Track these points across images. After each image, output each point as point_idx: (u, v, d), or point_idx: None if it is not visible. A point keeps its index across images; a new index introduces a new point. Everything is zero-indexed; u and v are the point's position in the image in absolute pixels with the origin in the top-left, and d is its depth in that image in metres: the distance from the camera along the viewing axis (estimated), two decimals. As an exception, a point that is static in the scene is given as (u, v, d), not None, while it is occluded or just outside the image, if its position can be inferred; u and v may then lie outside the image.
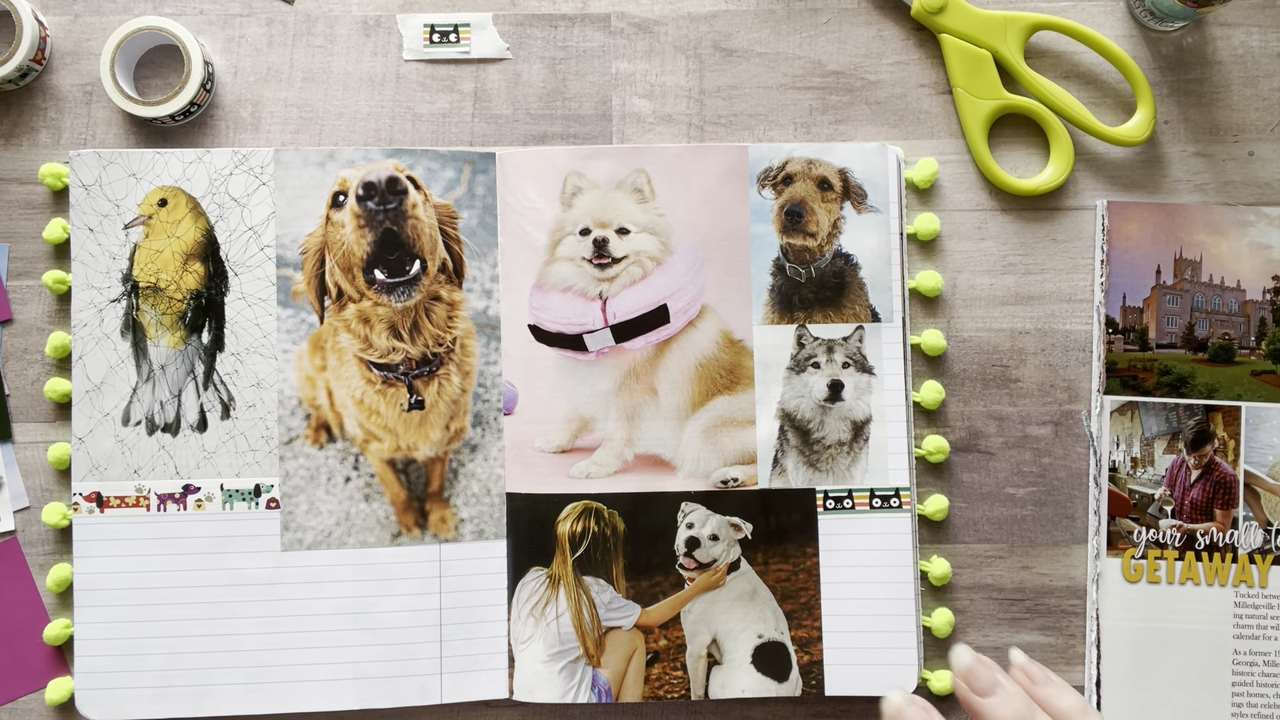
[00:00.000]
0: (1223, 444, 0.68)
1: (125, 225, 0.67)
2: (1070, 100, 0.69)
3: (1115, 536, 0.67)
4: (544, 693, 0.66)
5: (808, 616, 0.67)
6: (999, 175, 0.69)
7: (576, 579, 0.67)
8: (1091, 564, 0.67)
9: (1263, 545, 0.67)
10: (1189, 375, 0.68)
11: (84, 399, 0.66)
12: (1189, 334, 0.69)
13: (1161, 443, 0.68)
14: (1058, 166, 0.69)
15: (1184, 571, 0.67)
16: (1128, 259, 0.68)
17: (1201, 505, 0.68)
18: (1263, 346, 0.69)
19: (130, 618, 0.65)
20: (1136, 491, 0.68)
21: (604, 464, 0.68)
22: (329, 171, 0.67)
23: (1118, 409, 0.68)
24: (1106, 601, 0.67)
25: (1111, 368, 0.68)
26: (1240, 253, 0.69)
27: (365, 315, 0.67)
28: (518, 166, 0.68)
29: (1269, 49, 0.71)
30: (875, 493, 0.67)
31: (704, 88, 0.71)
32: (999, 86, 0.69)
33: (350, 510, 0.67)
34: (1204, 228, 0.69)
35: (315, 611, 0.66)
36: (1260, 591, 0.67)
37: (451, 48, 0.70)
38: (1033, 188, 0.69)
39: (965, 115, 0.69)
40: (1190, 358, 0.68)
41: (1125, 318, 0.68)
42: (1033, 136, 0.70)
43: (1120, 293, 0.68)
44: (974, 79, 0.69)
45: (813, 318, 0.68)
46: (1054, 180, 0.69)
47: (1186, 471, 0.68)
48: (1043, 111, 0.69)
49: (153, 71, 0.70)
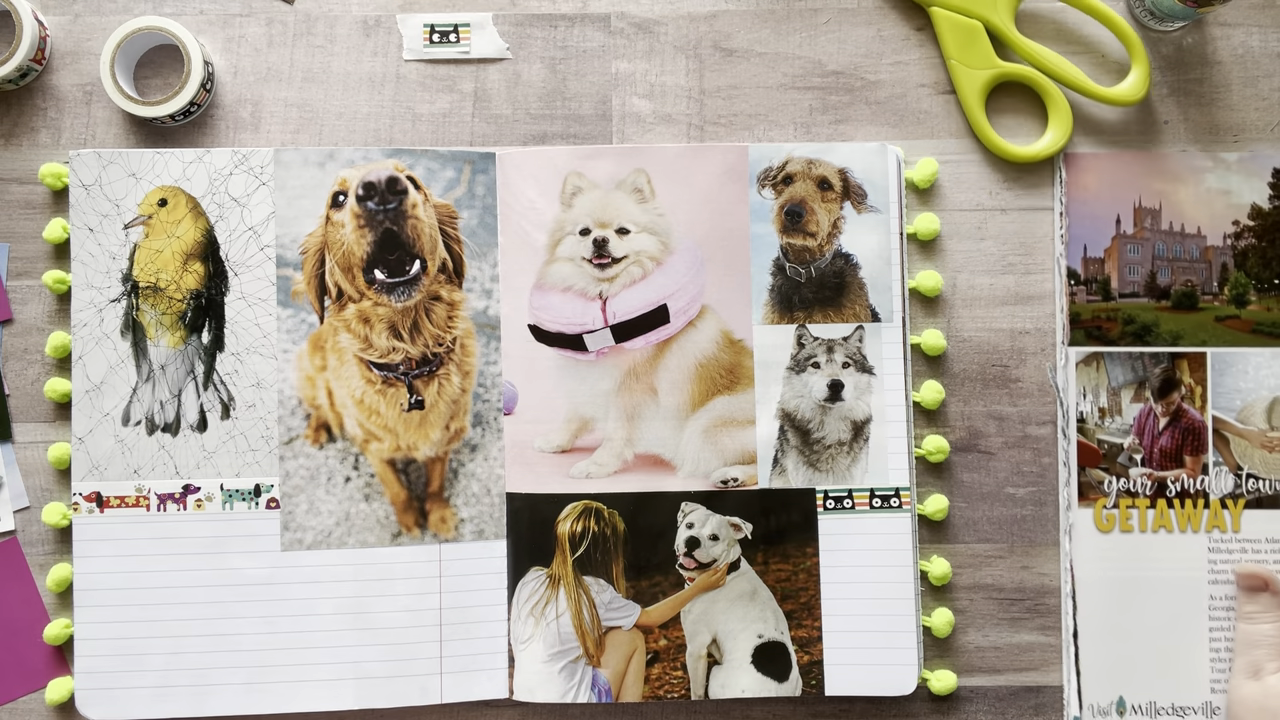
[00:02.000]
0: (1189, 390, 0.68)
1: (125, 225, 0.67)
2: (1064, 64, 0.69)
3: (1086, 487, 0.68)
4: (544, 693, 0.66)
5: (808, 616, 0.67)
6: (999, 144, 0.69)
7: (576, 579, 0.67)
8: (1063, 515, 0.68)
9: (1234, 490, 0.68)
10: (1153, 323, 0.68)
11: (84, 399, 0.66)
12: (1151, 282, 0.69)
13: (1128, 392, 0.68)
14: (1057, 132, 0.69)
15: (1156, 519, 0.67)
16: (1086, 210, 0.68)
17: (1171, 453, 0.68)
18: (1225, 291, 0.69)
19: (130, 618, 0.65)
20: (1105, 441, 0.68)
21: (604, 464, 0.68)
22: (329, 171, 0.67)
23: (1083, 360, 0.68)
24: (1080, 552, 0.67)
25: (1075, 319, 0.68)
26: (1199, 199, 0.69)
27: (365, 315, 0.67)
28: (518, 166, 0.68)
29: (1269, 49, 0.71)
30: (875, 493, 0.67)
31: (704, 88, 0.71)
32: (993, 55, 0.69)
33: (350, 510, 0.67)
34: (1162, 175, 0.69)
35: (315, 611, 0.66)
36: (1233, 536, 0.67)
37: (451, 48, 0.70)
38: (1033, 154, 0.69)
39: (961, 87, 0.69)
40: (1153, 306, 0.69)
41: (1086, 269, 0.69)
42: (1032, 105, 0.70)
43: (1081, 244, 0.68)
44: (967, 50, 0.69)
45: (813, 318, 0.68)
46: (1054, 146, 0.69)
47: (1154, 420, 0.68)
48: (1038, 77, 0.69)
49: (153, 71, 0.70)
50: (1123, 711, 0.66)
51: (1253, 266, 0.69)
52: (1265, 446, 0.67)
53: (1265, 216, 0.69)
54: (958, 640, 0.68)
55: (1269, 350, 0.68)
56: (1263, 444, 0.68)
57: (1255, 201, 0.69)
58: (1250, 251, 0.69)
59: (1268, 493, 0.68)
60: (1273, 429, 0.68)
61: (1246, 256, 0.69)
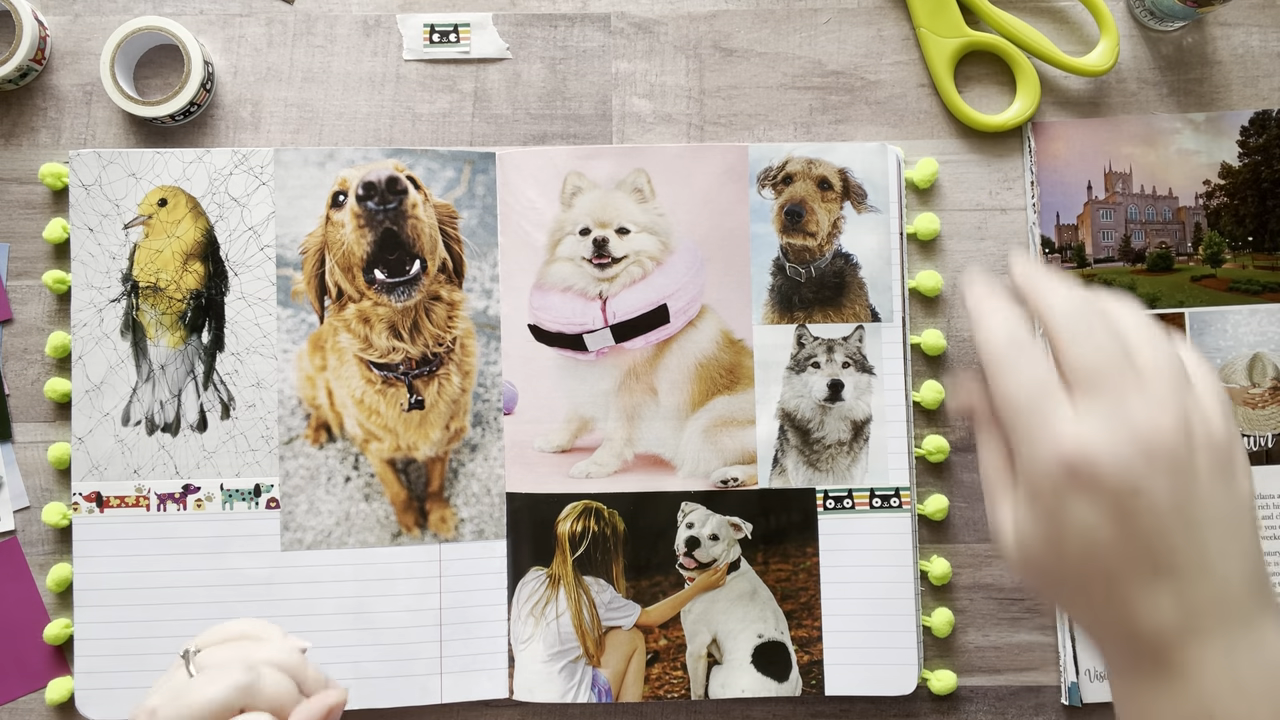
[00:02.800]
0: None
1: (125, 225, 0.67)
2: (1033, 33, 0.69)
3: None
4: (544, 692, 0.65)
5: (808, 616, 0.67)
6: (967, 113, 0.69)
7: (576, 579, 0.67)
8: None
9: None
10: (1129, 287, 0.69)
11: (84, 399, 0.66)
12: (1125, 246, 0.69)
13: None
14: (1024, 101, 0.69)
15: None
16: (1057, 178, 0.68)
17: None
18: (1200, 251, 0.69)
19: (130, 618, 0.65)
20: None
21: (604, 464, 0.68)
22: (329, 171, 0.67)
23: None
24: None
25: None
26: (1169, 161, 0.69)
27: (365, 315, 0.67)
28: (518, 166, 0.68)
29: (1269, 49, 0.71)
30: (875, 492, 0.67)
31: (704, 88, 0.71)
32: (962, 24, 0.69)
33: (350, 510, 0.67)
34: (1131, 139, 0.69)
35: (315, 611, 0.66)
36: None
37: (451, 48, 0.70)
38: (1000, 123, 0.69)
39: (930, 54, 0.69)
40: (1129, 270, 0.69)
41: (1060, 236, 0.69)
42: (1001, 76, 0.71)
43: (1053, 212, 0.69)
44: (937, 17, 0.69)
45: (813, 317, 0.68)
46: (1021, 115, 0.69)
47: None
48: (1007, 47, 0.69)
49: (153, 71, 0.70)
50: None
51: (1226, 225, 0.69)
52: (1248, 404, 0.68)
53: (1236, 174, 0.69)
54: (958, 640, 0.68)
55: (1246, 307, 0.68)
56: (1245, 401, 0.68)
57: (1225, 160, 0.69)
58: (1223, 210, 0.69)
59: (1253, 449, 0.68)
60: (1255, 385, 0.68)
61: (1219, 215, 0.69)
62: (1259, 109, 0.70)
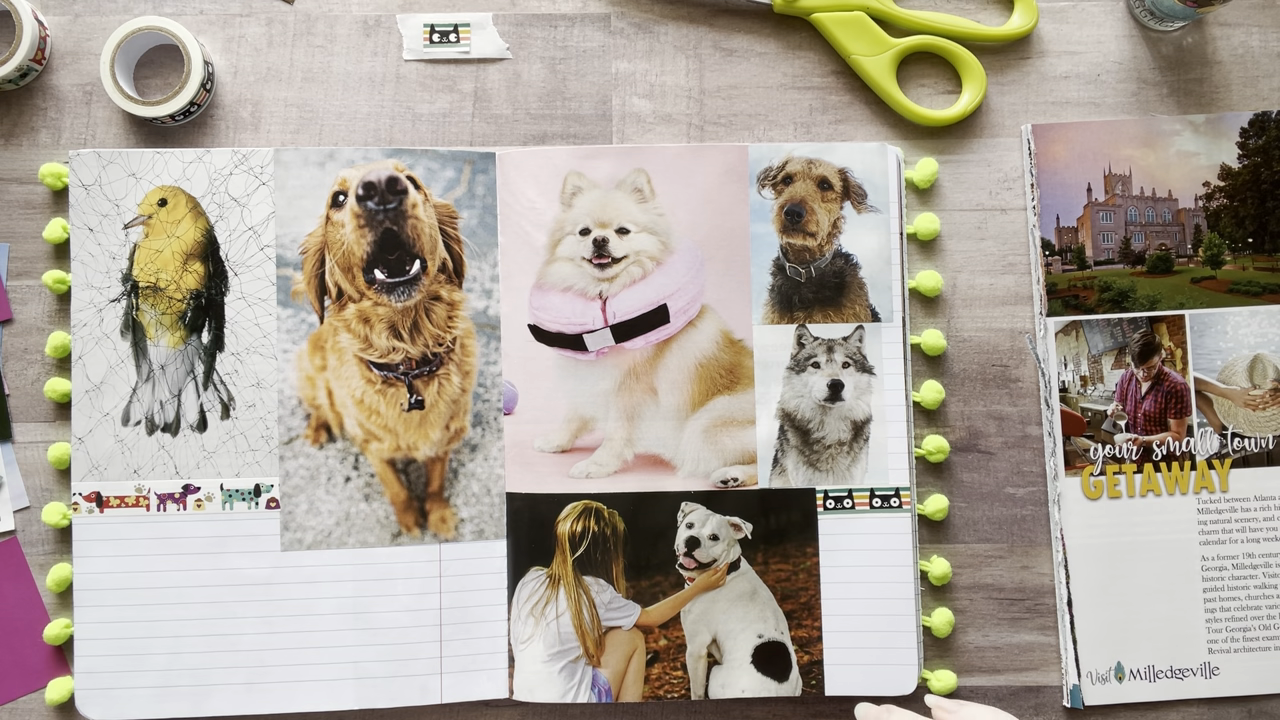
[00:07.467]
0: (1170, 354, 0.68)
1: (125, 225, 0.67)
2: (953, 20, 0.70)
3: (1072, 456, 0.68)
4: (544, 692, 0.66)
5: (808, 616, 0.67)
6: (917, 112, 0.69)
7: (576, 579, 0.67)
8: (1050, 485, 0.68)
9: (1220, 450, 0.68)
10: (1130, 289, 0.69)
11: (84, 399, 0.66)
12: (1125, 248, 0.69)
13: (1109, 359, 0.68)
14: (972, 90, 0.70)
15: (1144, 484, 0.68)
16: (1057, 180, 0.69)
17: (1155, 416, 0.68)
18: (1200, 253, 0.69)
19: (130, 618, 0.65)
20: (1089, 409, 0.68)
21: (604, 464, 0.68)
22: (329, 171, 0.67)
23: (1062, 329, 0.68)
24: (1069, 521, 0.67)
25: (1052, 289, 0.68)
26: (1169, 163, 0.69)
27: (365, 315, 0.67)
28: (518, 166, 0.68)
29: (1269, 49, 0.71)
30: (875, 492, 0.67)
31: (704, 88, 0.71)
32: (885, 37, 0.70)
33: (350, 510, 0.67)
34: (1130, 142, 0.69)
35: (315, 611, 0.66)
36: (1222, 496, 0.67)
37: (451, 48, 0.70)
38: (951, 116, 0.69)
39: (869, 75, 0.70)
40: (1129, 271, 0.69)
41: (1060, 238, 0.69)
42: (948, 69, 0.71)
43: (1053, 214, 0.69)
44: (859, 40, 0.69)
45: (813, 318, 0.68)
46: (971, 104, 0.70)
47: (1136, 385, 0.68)
48: (936, 42, 0.70)
49: (153, 71, 0.70)
50: (1121, 677, 0.66)
51: (1226, 226, 0.69)
52: (1249, 405, 0.68)
53: (1235, 176, 0.69)
54: (958, 640, 0.68)
55: (1246, 309, 0.68)
56: (1246, 402, 0.68)
57: (1224, 161, 0.69)
58: (1222, 212, 0.69)
59: (1254, 450, 0.68)
60: (1255, 387, 0.68)
61: (1219, 217, 0.69)
62: (1259, 110, 0.70)
